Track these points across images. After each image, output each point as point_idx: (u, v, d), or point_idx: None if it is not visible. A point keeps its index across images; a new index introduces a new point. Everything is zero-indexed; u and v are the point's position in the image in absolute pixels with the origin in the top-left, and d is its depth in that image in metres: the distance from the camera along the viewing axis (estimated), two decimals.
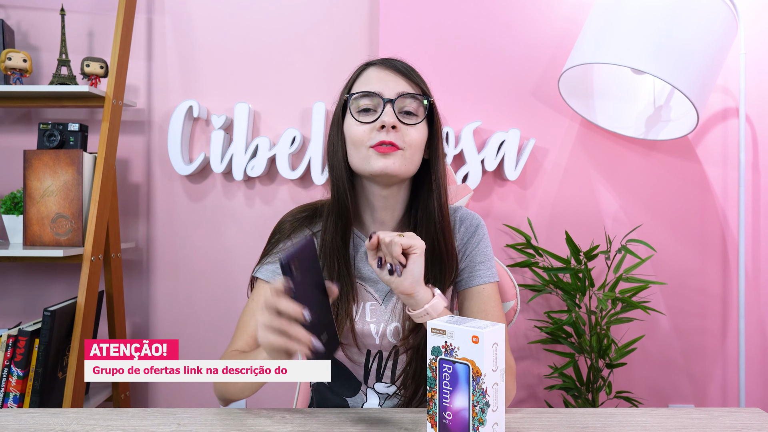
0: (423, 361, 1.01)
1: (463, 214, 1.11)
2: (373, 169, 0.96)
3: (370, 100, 0.98)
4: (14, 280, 1.99)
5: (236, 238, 1.98)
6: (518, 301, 1.26)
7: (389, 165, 0.96)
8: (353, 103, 0.99)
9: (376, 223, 1.06)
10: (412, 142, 0.98)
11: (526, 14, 1.91)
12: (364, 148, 0.97)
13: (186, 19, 1.99)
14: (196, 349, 1.96)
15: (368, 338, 1.05)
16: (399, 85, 0.99)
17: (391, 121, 0.96)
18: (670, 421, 0.93)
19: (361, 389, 1.10)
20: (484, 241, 1.08)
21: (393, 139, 0.96)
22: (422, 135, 1.00)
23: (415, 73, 1.03)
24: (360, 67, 1.05)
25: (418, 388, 1.04)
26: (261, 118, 1.97)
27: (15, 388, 1.54)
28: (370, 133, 0.97)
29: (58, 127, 1.73)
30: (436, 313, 0.90)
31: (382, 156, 0.96)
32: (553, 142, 1.92)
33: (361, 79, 1.02)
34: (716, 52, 1.66)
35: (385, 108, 0.97)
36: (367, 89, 0.99)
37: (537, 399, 1.95)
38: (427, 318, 0.89)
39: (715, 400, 1.95)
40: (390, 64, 1.02)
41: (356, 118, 0.98)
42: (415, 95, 0.99)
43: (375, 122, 0.97)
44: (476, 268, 1.05)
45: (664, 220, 1.93)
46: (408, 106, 0.99)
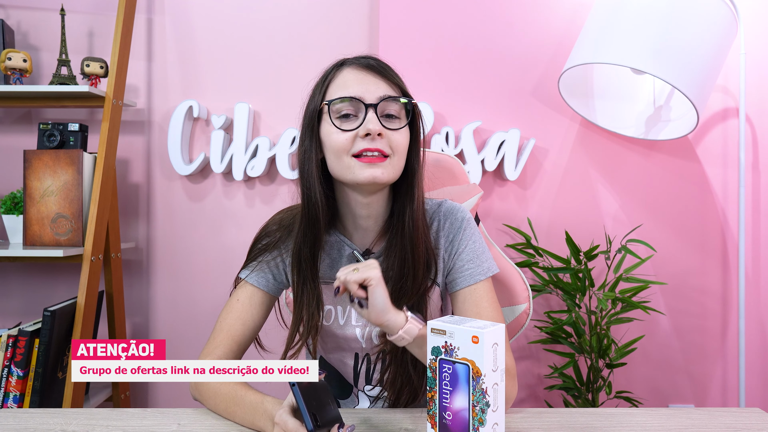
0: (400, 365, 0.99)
1: (448, 208, 1.05)
2: (359, 179, 0.91)
3: (350, 105, 0.93)
4: (14, 280, 1.99)
5: (236, 238, 1.98)
6: (531, 304, 1.25)
7: (377, 175, 0.91)
8: (331, 108, 0.94)
9: (359, 230, 1.02)
10: (398, 148, 0.93)
11: (526, 14, 1.91)
12: (347, 157, 0.92)
13: (186, 19, 1.99)
14: (196, 349, 1.94)
15: (354, 342, 1.05)
16: (379, 88, 0.94)
17: (376, 129, 0.90)
18: (670, 421, 0.93)
19: (352, 392, 1.10)
20: (474, 236, 1.03)
21: (379, 146, 0.91)
22: (407, 139, 0.95)
23: (392, 72, 0.97)
24: (333, 66, 0.99)
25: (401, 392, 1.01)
26: (261, 118, 1.97)
27: (15, 388, 1.54)
28: (352, 140, 0.92)
29: (58, 127, 1.73)
30: (411, 336, 0.86)
31: (368, 166, 0.91)
32: (553, 142, 1.92)
33: (336, 81, 0.96)
34: (716, 52, 1.66)
35: (368, 114, 0.91)
36: (346, 94, 0.93)
37: (537, 399, 1.95)
38: (406, 341, 0.87)
39: (715, 400, 1.95)
40: (366, 63, 0.96)
41: (336, 125, 0.93)
42: (398, 98, 0.94)
43: (358, 129, 0.91)
44: (465, 267, 1.01)
45: (664, 220, 1.93)
46: (390, 109, 0.94)
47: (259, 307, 1.03)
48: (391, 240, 0.98)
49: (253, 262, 1.04)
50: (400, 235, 0.97)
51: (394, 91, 0.96)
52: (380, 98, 0.93)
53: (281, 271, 1.05)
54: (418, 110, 0.98)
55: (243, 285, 1.04)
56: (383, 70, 0.96)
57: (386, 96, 0.93)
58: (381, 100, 0.93)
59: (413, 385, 1.00)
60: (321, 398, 0.77)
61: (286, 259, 1.04)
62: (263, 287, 1.03)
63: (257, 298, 1.03)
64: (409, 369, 0.99)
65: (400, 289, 0.97)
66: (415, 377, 1.00)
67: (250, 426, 0.88)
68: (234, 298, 1.03)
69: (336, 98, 0.94)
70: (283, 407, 0.78)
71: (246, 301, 1.02)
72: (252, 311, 1.02)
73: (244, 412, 0.89)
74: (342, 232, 1.04)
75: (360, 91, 0.93)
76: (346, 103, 0.93)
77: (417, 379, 1.00)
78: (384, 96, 0.93)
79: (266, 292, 1.03)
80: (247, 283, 1.04)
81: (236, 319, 1.01)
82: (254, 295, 1.03)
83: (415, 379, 1.00)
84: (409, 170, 0.98)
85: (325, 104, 0.95)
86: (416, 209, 0.97)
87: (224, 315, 1.02)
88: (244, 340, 1.01)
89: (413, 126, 0.98)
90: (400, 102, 0.95)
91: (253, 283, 1.03)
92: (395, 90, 0.96)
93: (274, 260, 1.04)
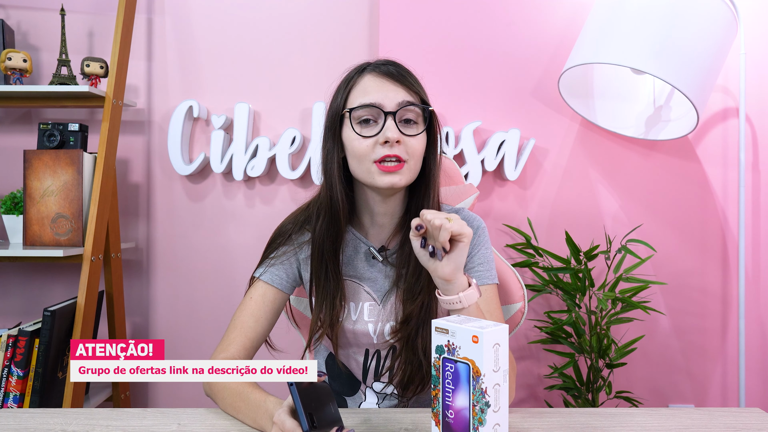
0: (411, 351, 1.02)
1: (466, 216, 1.11)
2: (379, 185, 0.97)
3: (369, 112, 0.98)
4: (14, 280, 1.99)
5: (236, 238, 1.98)
6: (525, 303, 1.25)
7: (396, 181, 0.97)
8: (353, 114, 0.99)
9: (375, 226, 1.07)
10: (415, 153, 0.98)
11: (526, 14, 1.91)
12: (368, 162, 0.97)
13: (186, 19, 1.99)
14: (197, 349, 1.96)
15: (366, 337, 1.07)
16: (398, 95, 0.98)
17: (395, 137, 0.95)
18: (670, 421, 0.93)
19: (360, 388, 1.11)
20: (485, 243, 1.08)
21: (397, 152, 0.96)
22: (423, 144, 1.01)
23: (411, 78, 1.02)
24: (354, 71, 1.03)
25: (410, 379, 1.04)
26: (261, 118, 1.97)
27: (15, 388, 1.54)
28: (373, 147, 0.97)
29: (58, 127, 1.73)
30: (468, 303, 0.90)
31: (387, 174, 0.96)
32: (553, 142, 1.92)
33: (357, 87, 1.00)
34: (716, 52, 1.66)
35: (387, 122, 0.96)
36: (366, 101, 0.98)
37: (537, 399, 1.95)
38: (458, 306, 0.89)
39: (715, 400, 1.95)
40: (387, 70, 1.00)
41: (357, 131, 0.98)
42: (416, 105, 0.99)
43: (377, 136, 0.96)
44: (475, 269, 1.05)
45: (664, 220, 1.93)
46: (408, 114, 0.99)
47: (272, 305, 1.05)
48: (406, 237, 1.02)
49: (266, 261, 1.07)
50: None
51: (413, 97, 1.00)
52: (399, 105, 0.98)
53: (294, 267, 1.08)
54: (435, 116, 1.03)
55: (256, 283, 1.07)
56: (402, 77, 1.01)
57: (404, 103, 0.98)
58: (400, 108, 0.98)
59: (423, 371, 1.03)
60: (321, 399, 0.77)
61: (299, 255, 1.08)
62: (276, 285, 1.06)
63: (270, 296, 1.05)
64: (420, 355, 1.02)
65: (413, 285, 1.01)
66: (425, 363, 1.02)
67: (252, 424, 0.89)
68: (248, 296, 1.06)
69: (357, 105, 0.98)
70: (283, 407, 0.79)
71: (259, 299, 1.05)
72: (265, 308, 1.04)
73: (247, 409, 0.90)
74: (358, 229, 1.09)
75: (379, 98, 0.98)
76: (366, 110, 0.98)
77: (427, 365, 1.02)
78: (402, 103, 0.98)
79: (279, 289, 1.06)
80: (260, 281, 1.06)
81: (249, 316, 1.03)
82: (267, 293, 1.05)
83: (425, 365, 1.02)
84: (426, 172, 1.03)
85: (347, 111, 1.00)
86: (432, 208, 1.02)
87: (238, 313, 1.05)
88: (257, 337, 1.04)
89: (431, 130, 1.03)
90: (418, 108, 0.99)
91: (266, 281, 1.06)
92: (413, 96, 1.00)
93: (287, 257, 1.07)
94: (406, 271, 1.02)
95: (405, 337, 1.02)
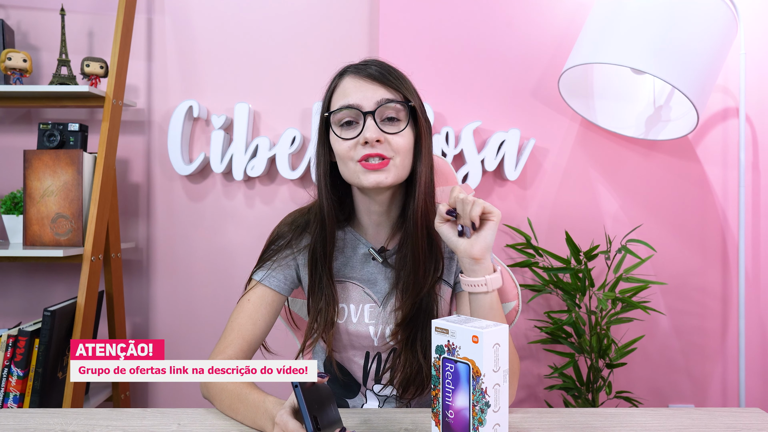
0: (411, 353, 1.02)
1: None
2: (365, 184, 0.96)
3: (349, 113, 0.96)
4: (14, 280, 1.99)
5: (236, 238, 1.98)
6: (520, 301, 1.26)
7: (381, 180, 0.95)
8: (333, 117, 0.98)
9: (373, 226, 1.07)
10: (400, 149, 0.96)
11: (526, 14, 1.91)
12: (352, 163, 0.96)
13: (186, 19, 1.99)
14: (197, 349, 1.96)
15: (366, 340, 1.06)
16: (377, 94, 0.96)
17: (374, 136, 0.93)
18: (670, 421, 0.93)
19: (360, 391, 1.10)
20: None
21: (380, 151, 0.95)
22: (409, 139, 0.98)
23: (393, 75, 0.99)
24: (335, 76, 1.02)
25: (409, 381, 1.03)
26: (261, 118, 1.97)
27: (15, 388, 1.54)
28: (354, 147, 0.96)
29: (58, 127, 1.73)
30: (493, 287, 0.90)
31: (371, 172, 0.95)
32: (553, 142, 1.92)
33: (338, 90, 1.00)
34: (716, 52, 1.66)
35: (366, 122, 0.95)
36: (344, 103, 0.97)
37: (537, 399, 1.95)
38: (482, 289, 0.90)
39: (715, 400, 1.95)
40: (365, 71, 0.99)
41: (338, 134, 0.97)
42: (395, 101, 0.97)
43: (358, 137, 0.95)
44: None
45: (664, 220, 1.93)
46: (389, 112, 0.97)
47: (270, 307, 1.05)
48: (405, 237, 1.02)
49: (264, 264, 1.07)
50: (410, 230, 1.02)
51: (393, 95, 0.98)
52: (378, 104, 0.96)
53: (293, 270, 1.08)
54: (420, 111, 1.00)
55: (255, 286, 1.06)
56: (382, 75, 0.98)
57: (383, 101, 0.96)
58: (379, 106, 0.96)
59: (423, 374, 1.03)
60: (323, 400, 0.77)
61: (298, 258, 1.08)
62: (274, 287, 1.05)
63: (268, 299, 1.05)
64: (419, 357, 1.01)
65: (413, 281, 1.01)
66: (425, 366, 1.02)
67: (251, 424, 0.89)
68: (245, 298, 1.05)
69: (336, 108, 0.98)
70: (285, 408, 0.78)
71: (257, 302, 1.04)
72: (263, 311, 1.04)
73: (246, 410, 0.90)
74: (357, 230, 1.09)
75: (357, 99, 0.97)
76: (345, 112, 0.97)
77: (427, 368, 1.02)
78: (381, 101, 0.96)
79: (277, 292, 1.06)
80: (258, 283, 1.06)
81: (247, 318, 1.03)
82: (265, 296, 1.05)
83: (425, 368, 1.02)
84: (414, 168, 1.01)
85: (328, 114, 1.00)
86: (417, 206, 1.00)
87: (235, 315, 1.04)
88: (254, 340, 1.03)
89: (417, 127, 1.00)
90: (399, 105, 0.97)
91: (264, 284, 1.05)
92: (394, 94, 0.98)
93: (285, 260, 1.07)
94: (405, 272, 1.02)
95: (405, 339, 1.02)
